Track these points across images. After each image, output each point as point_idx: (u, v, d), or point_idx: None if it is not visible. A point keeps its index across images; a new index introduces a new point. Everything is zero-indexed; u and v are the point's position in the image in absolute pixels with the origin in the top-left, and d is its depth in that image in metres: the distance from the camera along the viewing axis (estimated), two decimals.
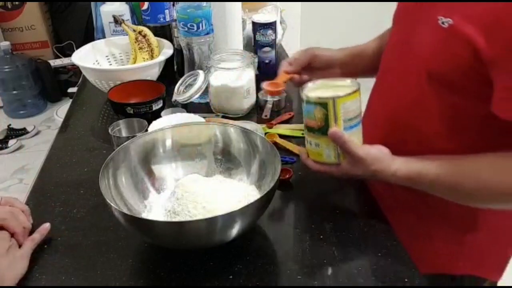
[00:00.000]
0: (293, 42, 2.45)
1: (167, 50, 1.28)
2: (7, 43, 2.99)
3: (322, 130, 0.74)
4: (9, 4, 3.22)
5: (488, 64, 0.63)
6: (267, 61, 1.38)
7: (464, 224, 0.83)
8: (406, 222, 0.83)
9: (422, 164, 0.72)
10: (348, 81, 0.77)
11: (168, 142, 0.86)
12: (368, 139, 0.77)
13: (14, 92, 3.08)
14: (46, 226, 0.77)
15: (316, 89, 0.78)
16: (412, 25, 0.77)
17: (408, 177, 0.72)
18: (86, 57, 1.29)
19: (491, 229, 0.84)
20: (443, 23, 0.68)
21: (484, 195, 0.70)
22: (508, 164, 0.67)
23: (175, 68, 1.38)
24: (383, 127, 0.83)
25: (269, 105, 1.15)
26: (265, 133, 1.04)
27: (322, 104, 0.72)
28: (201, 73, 1.15)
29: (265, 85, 0.94)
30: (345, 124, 0.73)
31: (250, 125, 1.03)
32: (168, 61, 1.29)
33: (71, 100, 1.36)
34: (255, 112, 1.17)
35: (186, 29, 1.17)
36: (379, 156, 0.74)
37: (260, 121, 1.12)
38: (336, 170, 0.77)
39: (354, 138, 0.74)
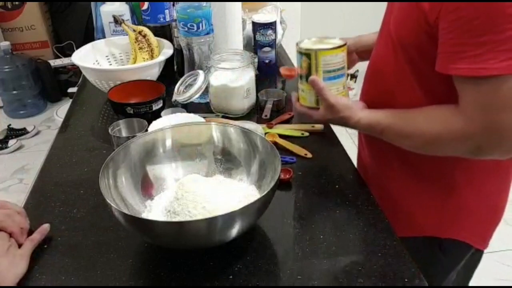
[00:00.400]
0: (293, 42, 2.45)
1: (167, 50, 1.28)
2: (7, 43, 2.99)
3: (306, 77, 0.87)
4: (9, 4, 3.22)
5: (433, 25, 0.70)
6: (267, 61, 1.38)
7: (449, 187, 0.88)
8: (395, 188, 0.93)
9: (380, 114, 0.82)
10: (337, 39, 0.88)
11: (168, 142, 0.86)
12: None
13: (14, 92, 3.08)
14: (46, 226, 0.77)
15: (309, 43, 0.89)
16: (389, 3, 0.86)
17: (368, 125, 0.83)
18: (86, 57, 1.29)
19: (475, 194, 0.88)
20: None
21: (421, 140, 0.78)
22: (437, 112, 0.75)
23: (175, 68, 1.38)
24: (367, 82, 0.94)
25: (269, 105, 1.15)
26: (265, 133, 1.04)
27: (307, 54, 0.86)
28: (201, 73, 1.15)
29: (282, 69, 0.99)
30: (324, 75, 0.86)
31: (250, 125, 1.03)
32: (168, 61, 1.29)
33: (71, 100, 1.36)
34: (255, 112, 1.17)
35: (186, 29, 1.17)
36: (348, 104, 0.85)
37: (260, 121, 1.12)
38: (315, 113, 0.88)
39: (333, 88, 0.86)
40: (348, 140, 2.48)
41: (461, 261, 0.96)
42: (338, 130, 1.04)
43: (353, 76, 3.16)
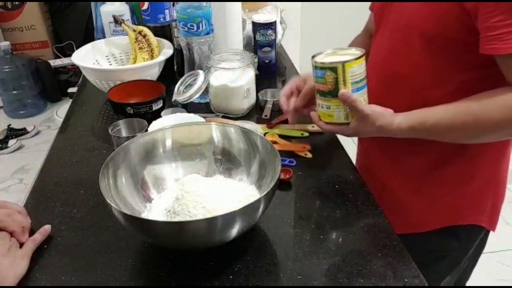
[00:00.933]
0: (293, 42, 2.45)
1: (167, 50, 1.28)
2: (7, 43, 2.99)
3: (332, 93, 0.83)
4: (9, 4, 3.22)
5: (471, 12, 0.71)
6: (267, 61, 1.38)
7: (463, 176, 0.89)
8: (406, 186, 0.93)
9: (421, 113, 0.80)
10: (353, 49, 0.85)
11: (168, 142, 0.86)
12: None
13: (14, 92, 3.08)
14: (47, 227, 0.77)
15: (326, 56, 0.86)
16: None
17: (411, 127, 0.80)
18: (86, 57, 1.29)
19: (485, 177, 0.91)
20: None
21: (478, 129, 0.76)
22: (493, 97, 0.74)
23: (175, 68, 1.38)
24: (375, 79, 0.90)
25: (269, 105, 1.15)
26: (265, 133, 1.04)
27: (333, 68, 0.81)
28: (201, 73, 1.15)
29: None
30: (352, 87, 0.82)
31: (250, 125, 1.03)
32: (168, 61, 1.29)
33: (71, 100, 1.36)
34: (255, 112, 1.17)
35: (186, 29, 1.17)
36: (383, 112, 0.82)
37: (260, 121, 1.12)
38: (346, 128, 0.85)
39: (361, 99, 0.83)
40: (348, 140, 2.48)
41: (473, 245, 0.98)
42: None
43: None
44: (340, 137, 1.06)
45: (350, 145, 1.07)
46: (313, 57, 0.85)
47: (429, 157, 0.90)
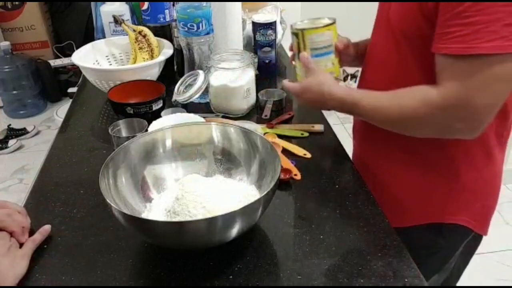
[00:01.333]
0: None
1: (167, 50, 1.28)
2: (7, 43, 2.99)
3: (297, 55, 0.95)
4: (9, 4, 3.22)
5: (432, 12, 0.73)
6: (267, 61, 1.38)
7: (452, 173, 0.89)
8: (395, 179, 0.94)
9: (357, 90, 0.88)
10: (325, 19, 0.94)
11: (168, 142, 0.86)
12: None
13: (14, 92, 3.08)
14: (47, 227, 0.77)
15: (300, 24, 0.95)
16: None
17: (340, 99, 0.85)
18: (86, 57, 1.29)
19: (475, 177, 0.89)
20: None
21: (396, 114, 0.79)
22: (415, 88, 0.77)
23: (175, 68, 1.38)
24: (368, 73, 0.96)
25: (269, 105, 1.15)
26: (264, 133, 1.04)
27: (296, 34, 0.93)
28: (201, 73, 1.15)
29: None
30: (311, 52, 0.93)
31: (249, 125, 1.03)
32: (168, 61, 1.29)
33: (71, 100, 1.36)
34: (255, 112, 1.17)
35: (186, 29, 1.17)
36: (332, 82, 0.88)
37: (260, 121, 1.12)
38: (295, 85, 0.93)
39: (321, 64, 0.93)
40: (348, 140, 2.48)
41: (460, 246, 0.97)
42: (338, 130, 1.05)
43: (353, 76, 3.16)
44: (340, 137, 1.06)
45: (350, 145, 1.07)
46: (293, 24, 0.95)
47: (416, 154, 0.90)
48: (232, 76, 1.11)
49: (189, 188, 0.76)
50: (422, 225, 0.93)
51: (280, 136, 1.04)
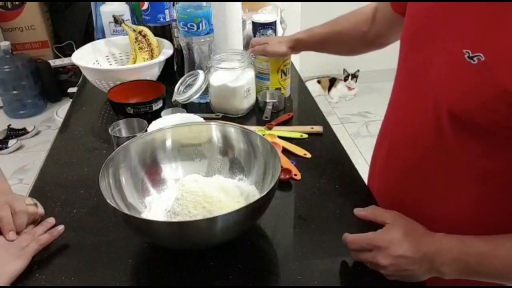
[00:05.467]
0: None
1: (167, 50, 1.28)
2: (7, 43, 2.99)
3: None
4: (9, 4, 3.21)
5: None
6: None
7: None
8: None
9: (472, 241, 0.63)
10: None
11: (168, 142, 0.86)
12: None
13: (14, 92, 3.07)
14: (60, 228, 0.76)
15: None
16: (427, 55, 0.67)
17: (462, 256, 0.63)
18: (86, 57, 1.29)
19: None
20: (471, 58, 0.58)
21: None
22: None
23: (175, 68, 1.38)
24: (396, 172, 0.79)
25: (269, 107, 1.15)
26: (263, 135, 1.03)
27: None
28: (201, 73, 1.15)
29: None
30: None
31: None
32: (168, 61, 1.29)
33: (71, 100, 1.36)
34: (255, 112, 1.17)
35: (186, 29, 1.17)
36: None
37: (260, 122, 1.12)
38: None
39: None
40: (349, 140, 2.48)
41: None
42: (338, 130, 1.04)
43: (354, 76, 3.16)
44: (340, 138, 1.06)
45: (350, 146, 1.07)
46: None
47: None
48: (232, 76, 1.11)
49: (189, 188, 0.76)
50: None
51: (280, 137, 1.03)
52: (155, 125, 0.99)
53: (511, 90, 0.55)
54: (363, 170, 0.96)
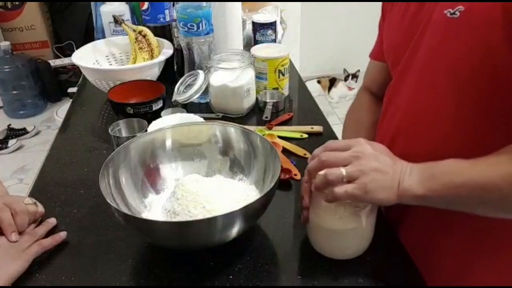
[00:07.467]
0: (293, 42, 2.45)
1: (167, 50, 1.28)
2: (7, 43, 2.99)
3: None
4: (9, 4, 3.21)
5: None
6: None
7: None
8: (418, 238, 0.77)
9: (444, 165, 0.62)
10: None
11: (168, 142, 0.86)
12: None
13: (14, 92, 3.07)
14: (62, 234, 0.76)
15: None
16: (416, 32, 0.69)
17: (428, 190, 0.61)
18: (86, 57, 1.29)
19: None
20: (453, 14, 0.61)
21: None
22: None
23: (175, 68, 1.38)
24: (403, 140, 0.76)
25: (269, 107, 1.15)
26: (263, 135, 1.04)
27: None
28: (201, 73, 1.15)
29: None
30: None
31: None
32: (168, 61, 1.29)
33: (71, 100, 1.36)
34: (255, 112, 1.17)
35: (186, 29, 1.17)
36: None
37: (260, 122, 1.12)
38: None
39: None
40: None
41: None
42: (338, 130, 1.04)
43: (354, 76, 3.17)
44: (340, 137, 1.06)
45: None
46: None
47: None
48: (232, 76, 1.11)
49: (189, 188, 0.76)
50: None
51: (280, 137, 1.03)
52: (155, 125, 0.99)
53: (496, 20, 0.56)
54: None
